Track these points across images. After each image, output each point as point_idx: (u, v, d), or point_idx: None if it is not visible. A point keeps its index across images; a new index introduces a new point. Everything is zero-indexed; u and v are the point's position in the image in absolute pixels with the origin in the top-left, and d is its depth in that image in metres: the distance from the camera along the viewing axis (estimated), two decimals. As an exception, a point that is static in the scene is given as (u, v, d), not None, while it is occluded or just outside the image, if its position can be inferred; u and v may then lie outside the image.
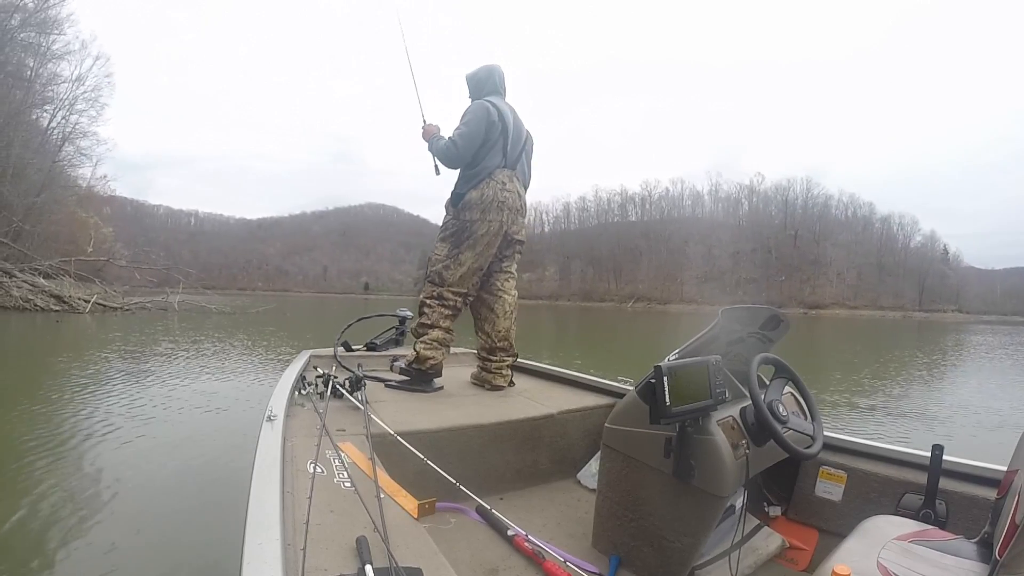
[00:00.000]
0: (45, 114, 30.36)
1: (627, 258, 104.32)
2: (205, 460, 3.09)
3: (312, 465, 1.15)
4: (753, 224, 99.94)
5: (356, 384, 1.79)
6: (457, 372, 2.54)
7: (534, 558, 1.30)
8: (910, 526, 1.13)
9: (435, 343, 2.23)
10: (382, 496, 1.04)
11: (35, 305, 14.52)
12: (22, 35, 26.28)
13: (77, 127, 31.65)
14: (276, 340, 10.47)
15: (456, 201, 2.23)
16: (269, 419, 1.31)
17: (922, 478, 1.37)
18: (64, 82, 30.35)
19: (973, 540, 1.06)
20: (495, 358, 2.33)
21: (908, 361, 11.32)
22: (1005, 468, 1.10)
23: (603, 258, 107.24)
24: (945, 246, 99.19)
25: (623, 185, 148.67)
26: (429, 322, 2.26)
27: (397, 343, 2.98)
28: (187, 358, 7.28)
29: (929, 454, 1.37)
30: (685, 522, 1.27)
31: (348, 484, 1.09)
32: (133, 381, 5.42)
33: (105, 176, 40.42)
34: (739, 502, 1.47)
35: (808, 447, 1.30)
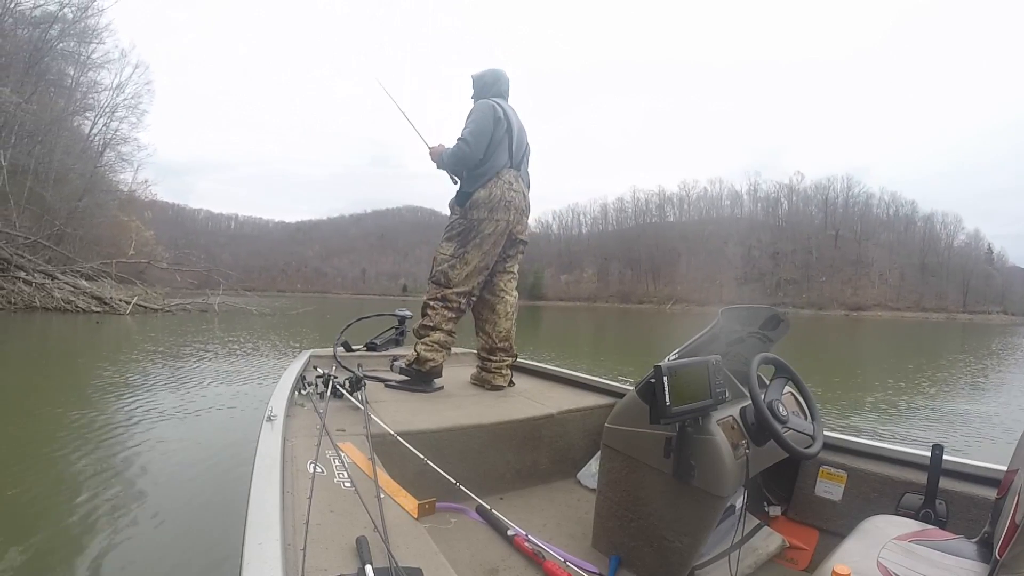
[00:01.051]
0: (87, 121, 31.77)
1: (665, 259, 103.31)
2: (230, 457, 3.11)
3: (312, 465, 1.15)
4: (793, 224, 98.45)
5: (356, 384, 1.79)
6: (457, 372, 2.54)
7: (534, 558, 1.30)
8: (910, 526, 1.13)
9: (436, 345, 2.23)
10: (382, 496, 1.04)
11: (76, 306, 14.66)
12: (61, 45, 27.39)
13: (118, 133, 33.30)
14: (313, 341, 10.40)
15: (463, 200, 2.23)
16: (269, 419, 1.31)
17: (922, 478, 1.37)
18: (104, 90, 31.82)
19: (973, 540, 1.06)
20: (495, 358, 2.33)
21: (973, 367, 10.33)
22: (1005, 468, 1.10)
23: (641, 259, 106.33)
24: (989, 245, 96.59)
25: (661, 185, 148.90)
26: (431, 324, 2.25)
27: (397, 343, 2.98)
28: (223, 357, 7.34)
29: (929, 454, 1.37)
30: (685, 522, 1.27)
31: (348, 484, 1.09)
32: (171, 379, 5.49)
33: (146, 181, 41.94)
34: (739, 502, 1.47)
35: (808, 447, 1.30)
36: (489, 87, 2.36)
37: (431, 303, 2.27)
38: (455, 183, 2.31)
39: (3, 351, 7.90)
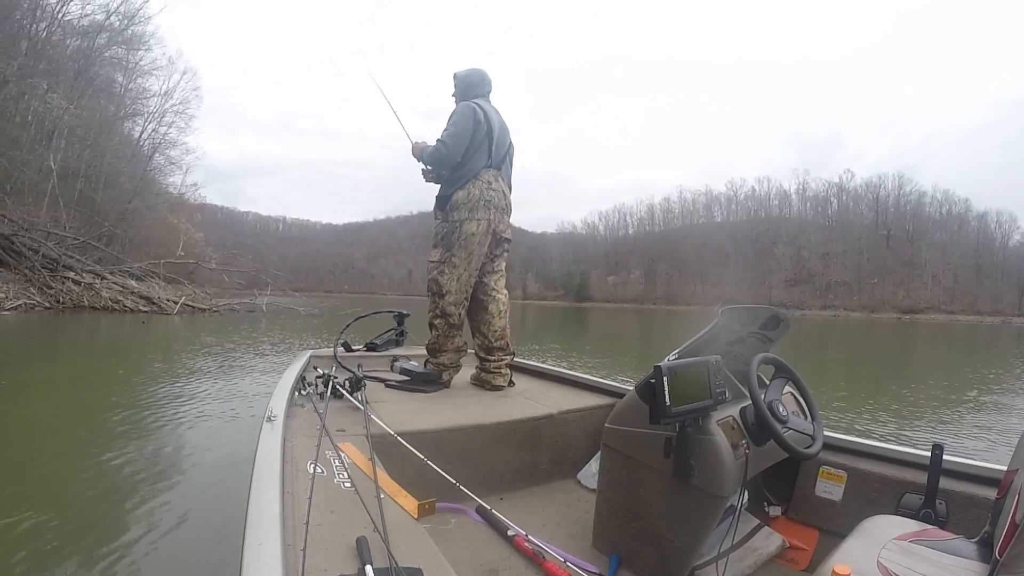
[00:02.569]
0: (136, 126, 33.16)
1: (713, 260, 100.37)
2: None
3: (312, 465, 1.15)
4: (843, 224, 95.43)
5: (356, 384, 1.78)
6: (457, 373, 2.54)
7: (534, 558, 1.30)
8: (910, 526, 1.13)
9: (443, 365, 2.31)
10: (382, 496, 1.04)
11: (124, 306, 14.86)
12: (108, 52, 28.89)
13: (166, 137, 34.54)
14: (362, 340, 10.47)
15: (443, 204, 2.26)
16: (269, 419, 1.31)
17: (922, 478, 1.37)
18: (153, 96, 33.37)
19: (973, 540, 1.06)
20: (493, 358, 2.34)
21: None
22: (1005, 468, 1.10)
23: (689, 260, 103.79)
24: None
25: (708, 185, 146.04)
26: (438, 346, 2.32)
27: (397, 343, 2.98)
28: (271, 356, 7.40)
29: (929, 454, 1.37)
30: (685, 522, 1.27)
31: (348, 484, 1.09)
32: (217, 376, 5.59)
33: (195, 184, 43.09)
34: (739, 502, 1.47)
35: (808, 447, 1.30)
36: (473, 87, 2.38)
37: (434, 322, 2.31)
38: (426, 179, 2.36)
39: (50, 348, 8.09)
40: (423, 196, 2.42)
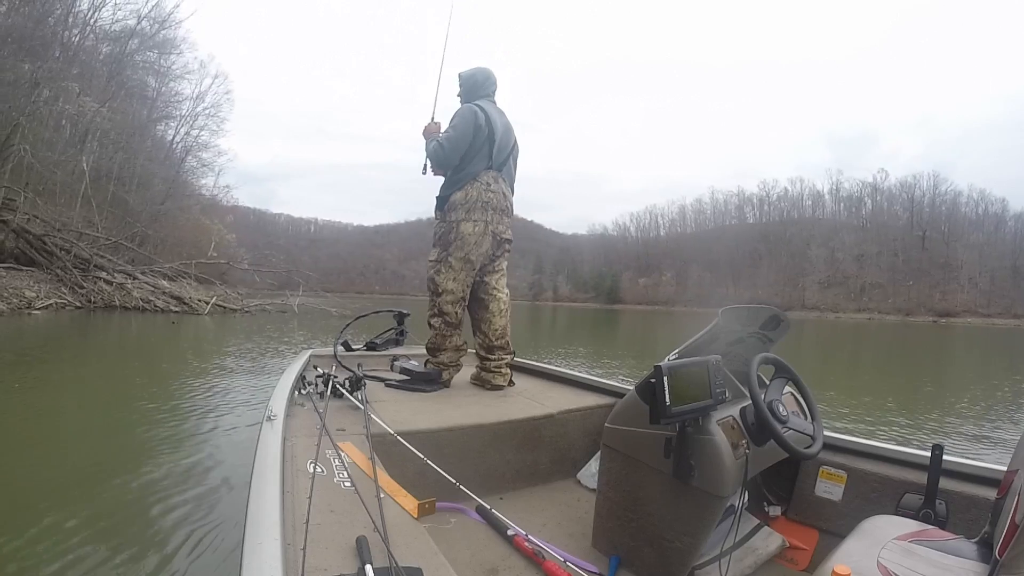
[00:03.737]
0: (169, 129, 33.94)
1: (746, 262, 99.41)
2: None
3: (312, 465, 1.15)
4: (877, 224, 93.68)
5: (356, 384, 1.79)
6: (457, 372, 2.54)
7: (534, 558, 1.30)
8: (910, 526, 1.13)
9: (443, 364, 2.32)
10: (382, 496, 1.04)
11: (155, 306, 14.98)
12: (139, 57, 29.86)
13: (198, 140, 35.31)
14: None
15: (441, 204, 2.29)
16: (269, 419, 1.31)
17: (922, 478, 1.37)
18: (185, 100, 34.09)
19: (973, 540, 1.06)
20: (493, 357, 2.34)
21: None
22: (1005, 468, 1.10)
23: (721, 262, 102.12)
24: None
25: (740, 186, 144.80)
26: (434, 345, 2.33)
27: (397, 343, 2.98)
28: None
29: (929, 454, 1.37)
30: (685, 522, 1.27)
31: (348, 484, 1.09)
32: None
33: (227, 186, 44.16)
34: (739, 502, 1.47)
35: (808, 447, 1.30)
36: (479, 87, 2.39)
37: (432, 321, 2.33)
38: (423, 173, 2.39)
39: (79, 346, 8.20)
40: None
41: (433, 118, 2.42)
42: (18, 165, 17.37)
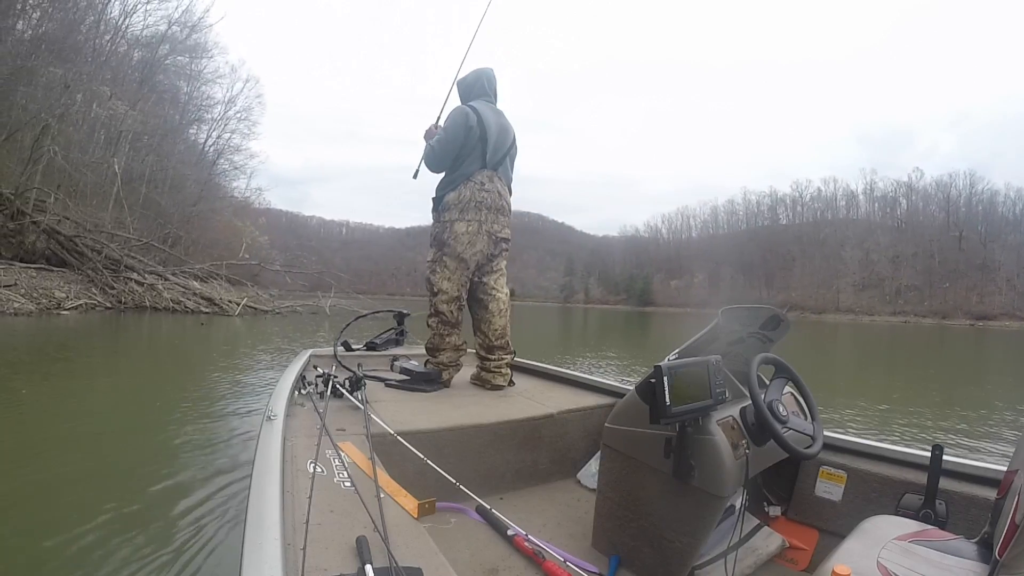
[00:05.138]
0: (201, 132, 34.98)
1: (779, 264, 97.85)
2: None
3: (312, 465, 1.15)
4: (913, 225, 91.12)
5: (356, 384, 1.78)
6: (457, 372, 2.54)
7: (534, 558, 1.30)
8: (910, 526, 1.13)
9: (443, 364, 2.32)
10: (382, 496, 1.04)
11: (185, 307, 15.06)
12: (168, 60, 30.18)
13: (230, 143, 35.75)
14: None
15: (436, 205, 2.32)
16: (269, 419, 1.31)
17: (922, 478, 1.37)
18: (217, 103, 34.68)
19: (973, 540, 1.06)
20: (493, 357, 2.34)
21: None
22: (1005, 468, 1.10)
23: (753, 264, 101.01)
24: None
25: (772, 187, 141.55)
26: (432, 345, 2.34)
27: (397, 343, 2.98)
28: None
29: (929, 454, 1.37)
30: (685, 522, 1.27)
31: (348, 484, 1.09)
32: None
33: (260, 188, 43.74)
34: (739, 502, 1.47)
35: (808, 447, 1.30)
36: (471, 88, 2.41)
37: (430, 322, 2.35)
38: (415, 177, 2.45)
39: (109, 345, 8.37)
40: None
41: (436, 122, 2.43)
42: (49, 167, 17.42)
